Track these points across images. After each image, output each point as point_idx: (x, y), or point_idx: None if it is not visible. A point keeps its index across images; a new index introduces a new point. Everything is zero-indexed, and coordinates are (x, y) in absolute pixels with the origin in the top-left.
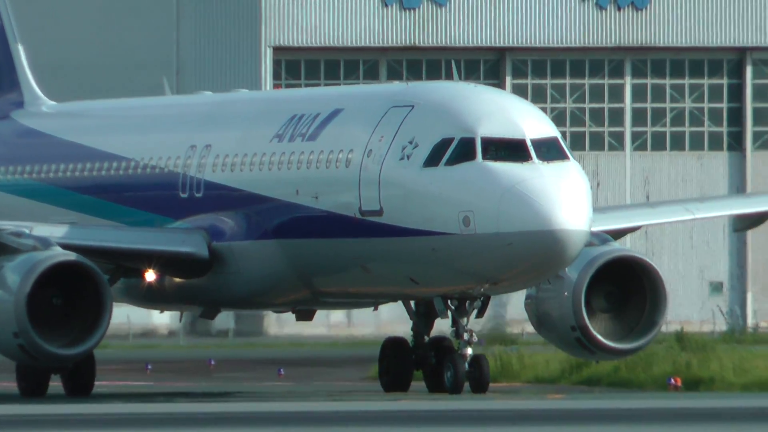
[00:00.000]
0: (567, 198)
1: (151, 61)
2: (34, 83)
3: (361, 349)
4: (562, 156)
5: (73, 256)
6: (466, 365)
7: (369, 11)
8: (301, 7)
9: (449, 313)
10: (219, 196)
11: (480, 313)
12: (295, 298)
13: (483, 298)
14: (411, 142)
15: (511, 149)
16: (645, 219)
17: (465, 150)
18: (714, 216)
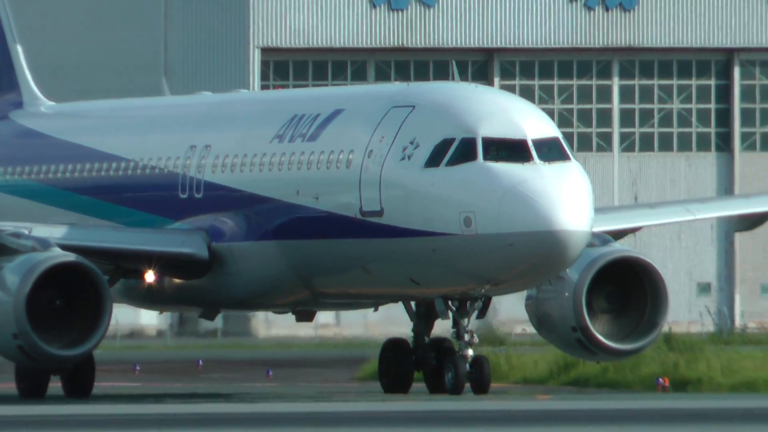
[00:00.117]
0: (568, 199)
1: (139, 62)
2: (33, 84)
3: (349, 350)
4: (563, 156)
5: (72, 257)
6: (467, 366)
7: (357, 12)
8: (289, 8)
9: (450, 314)
10: (219, 197)
11: (481, 314)
12: (295, 299)
13: (484, 299)
14: (412, 143)
15: (512, 150)
16: (646, 220)
17: (466, 150)
18: (715, 216)
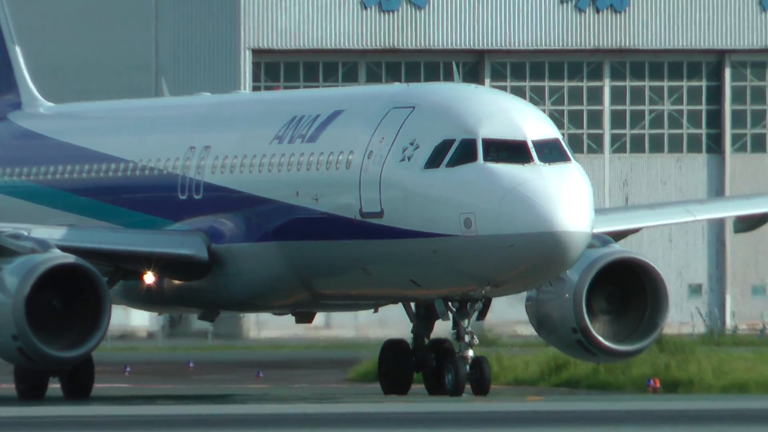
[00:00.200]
0: (569, 200)
1: (130, 64)
2: (32, 84)
3: (340, 352)
4: (563, 157)
5: (71, 259)
6: (468, 367)
7: (348, 14)
8: (280, 9)
9: (450, 315)
10: (218, 198)
11: (481, 316)
12: (295, 300)
13: (484, 300)
14: (412, 144)
15: (512, 151)
16: (646, 220)
17: (466, 151)
18: (715, 218)
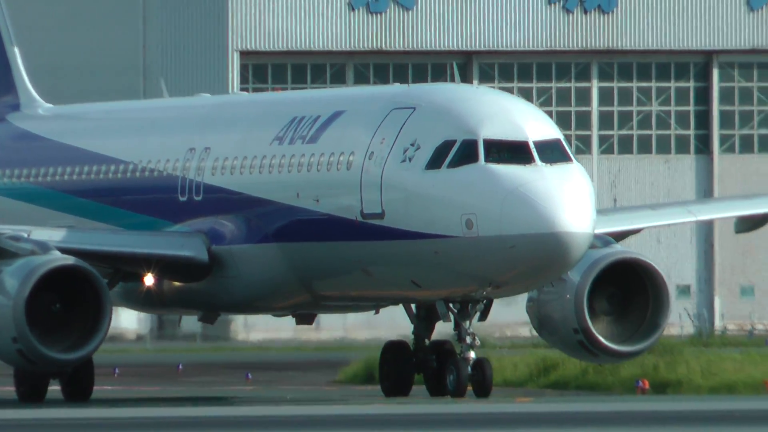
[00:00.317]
0: (570, 200)
1: (118, 65)
2: (30, 86)
3: (328, 354)
4: (565, 158)
5: (71, 260)
6: (469, 369)
7: (336, 15)
8: (267, 11)
9: (451, 316)
10: (218, 200)
11: (483, 317)
12: (295, 302)
13: (486, 301)
14: (413, 145)
15: (513, 151)
16: (647, 221)
17: (467, 152)
18: (716, 218)
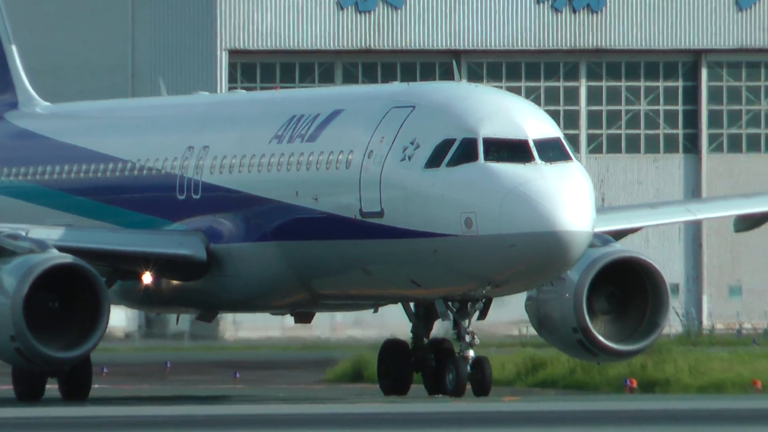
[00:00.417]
0: (570, 199)
1: (106, 64)
2: (28, 84)
3: (316, 353)
4: (564, 157)
5: (69, 259)
6: (468, 367)
7: (324, 14)
8: (256, 10)
9: (450, 315)
10: (217, 198)
11: (482, 315)
12: (294, 300)
13: (485, 300)
14: (412, 143)
15: (513, 150)
16: (647, 220)
17: (467, 151)
18: (716, 217)
